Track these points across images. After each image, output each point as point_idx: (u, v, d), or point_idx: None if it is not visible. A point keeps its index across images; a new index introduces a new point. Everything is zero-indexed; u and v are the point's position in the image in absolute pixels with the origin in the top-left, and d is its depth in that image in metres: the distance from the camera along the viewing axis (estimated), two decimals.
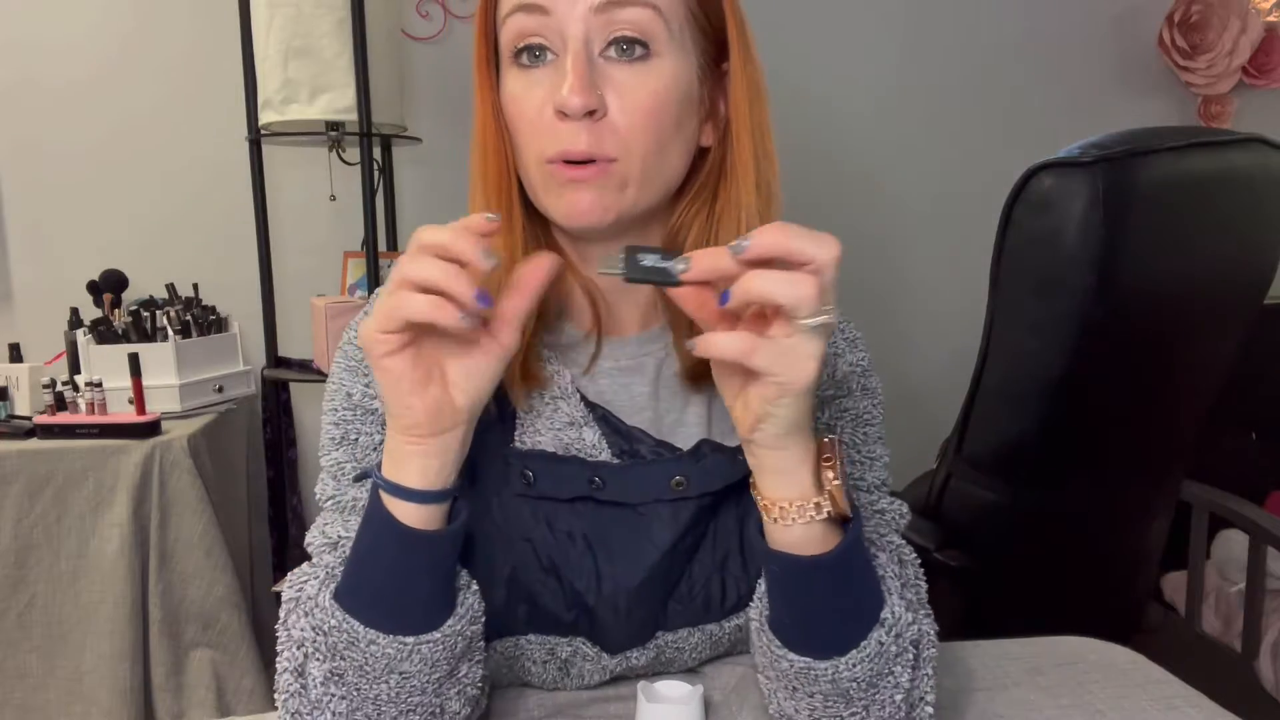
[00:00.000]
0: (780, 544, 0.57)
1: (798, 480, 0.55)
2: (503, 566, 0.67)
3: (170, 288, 1.97)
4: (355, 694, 0.57)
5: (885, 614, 0.59)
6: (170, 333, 1.81)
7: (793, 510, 0.55)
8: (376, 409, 0.68)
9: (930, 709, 0.62)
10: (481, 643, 0.62)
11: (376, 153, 1.99)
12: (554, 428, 0.67)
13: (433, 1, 2.15)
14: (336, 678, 0.57)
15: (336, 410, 0.69)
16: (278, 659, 0.61)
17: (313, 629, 0.58)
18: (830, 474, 0.55)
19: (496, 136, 0.65)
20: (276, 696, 0.61)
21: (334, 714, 0.58)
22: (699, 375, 0.68)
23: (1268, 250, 1.30)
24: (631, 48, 0.60)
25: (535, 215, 0.66)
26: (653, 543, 0.67)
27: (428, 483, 0.55)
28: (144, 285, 2.03)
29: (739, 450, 0.66)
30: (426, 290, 0.49)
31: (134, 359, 1.72)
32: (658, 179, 0.64)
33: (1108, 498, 1.38)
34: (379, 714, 0.58)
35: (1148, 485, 1.43)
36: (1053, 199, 1.15)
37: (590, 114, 0.59)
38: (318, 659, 0.58)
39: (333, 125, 1.83)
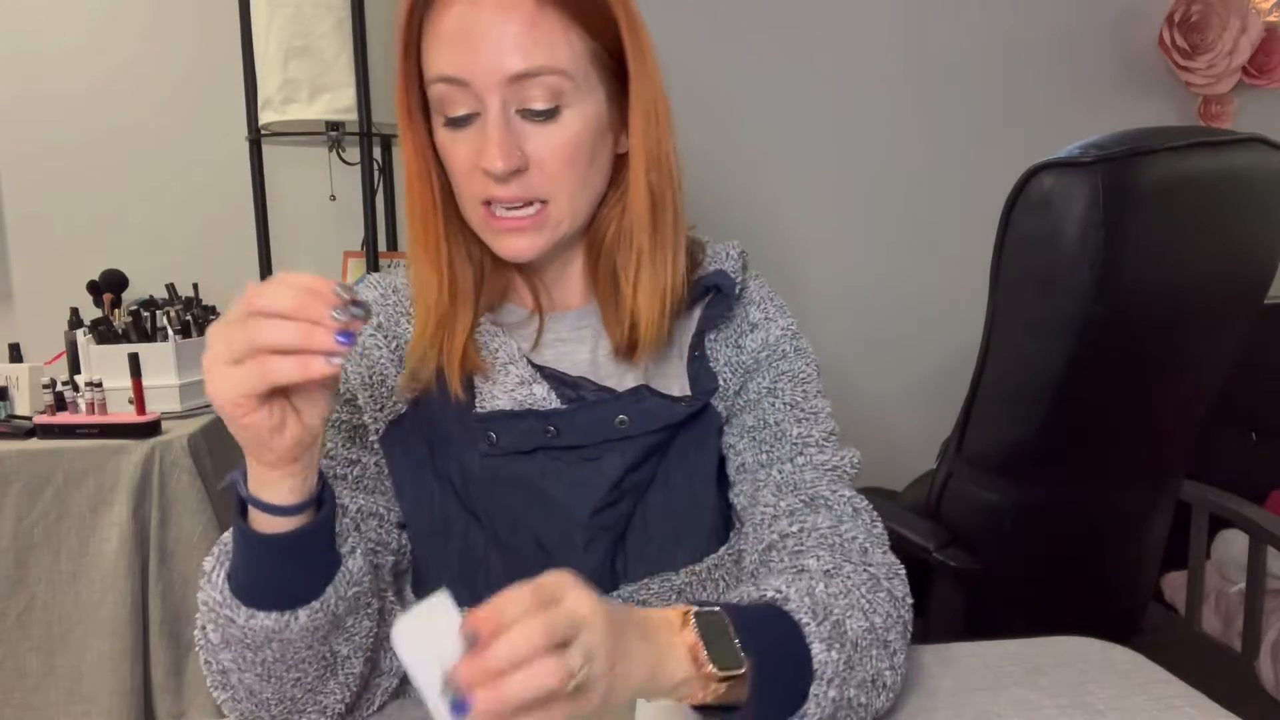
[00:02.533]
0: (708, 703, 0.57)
1: (687, 687, 0.55)
2: (464, 536, 0.74)
3: (170, 288, 1.96)
4: (242, 659, 0.62)
5: (815, 665, 0.60)
6: (170, 333, 1.81)
7: (700, 698, 0.56)
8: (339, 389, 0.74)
9: (900, 663, 0.66)
10: (369, 598, 0.66)
11: (376, 152, 1.99)
12: (508, 389, 0.75)
13: None
14: (226, 644, 0.62)
15: None
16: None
17: (203, 602, 0.63)
18: (707, 670, 0.54)
19: (422, 175, 0.74)
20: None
21: (229, 669, 0.63)
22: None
23: (1268, 250, 1.30)
24: (544, 111, 0.68)
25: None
26: (602, 475, 0.74)
27: (300, 497, 0.59)
28: (144, 285, 2.03)
29: (680, 398, 0.75)
30: (283, 351, 0.50)
31: (134, 359, 1.72)
32: (584, 206, 0.74)
33: (1108, 498, 1.38)
34: (267, 673, 0.63)
35: (1148, 485, 1.43)
36: (1053, 199, 1.15)
37: (515, 172, 0.68)
38: (212, 626, 0.63)
39: (333, 125, 1.83)
